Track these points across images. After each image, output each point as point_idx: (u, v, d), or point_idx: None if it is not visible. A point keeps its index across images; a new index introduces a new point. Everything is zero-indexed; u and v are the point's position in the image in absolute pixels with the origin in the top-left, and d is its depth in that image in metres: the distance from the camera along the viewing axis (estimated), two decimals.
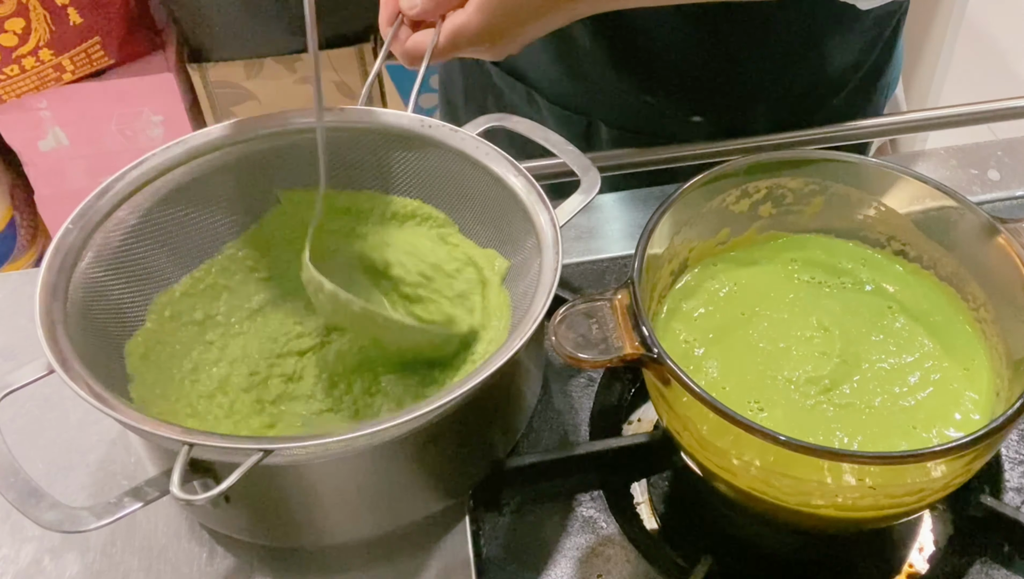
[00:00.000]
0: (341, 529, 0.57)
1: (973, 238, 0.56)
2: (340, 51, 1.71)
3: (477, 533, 0.58)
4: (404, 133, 0.65)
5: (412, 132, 0.65)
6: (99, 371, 0.53)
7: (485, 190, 0.64)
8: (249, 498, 0.54)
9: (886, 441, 0.52)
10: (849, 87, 0.87)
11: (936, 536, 0.58)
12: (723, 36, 0.80)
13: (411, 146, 0.66)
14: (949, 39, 1.87)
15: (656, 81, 0.83)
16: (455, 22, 0.67)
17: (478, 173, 0.64)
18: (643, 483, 0.61)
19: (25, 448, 0.63)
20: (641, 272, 0.52)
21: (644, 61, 0.82)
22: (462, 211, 0.66)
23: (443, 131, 0.64)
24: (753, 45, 0.80)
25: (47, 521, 0.48)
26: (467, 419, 0.54)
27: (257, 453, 0.47)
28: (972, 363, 0.56)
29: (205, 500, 0.47)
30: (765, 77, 0.83)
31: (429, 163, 0.66)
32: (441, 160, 0.65)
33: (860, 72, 0.87)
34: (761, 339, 0.57)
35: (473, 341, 0.62)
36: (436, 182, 0.66)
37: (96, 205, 0.59)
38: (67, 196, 1.74)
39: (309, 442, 0.49)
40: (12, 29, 1.53)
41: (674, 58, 0.81)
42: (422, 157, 0.66)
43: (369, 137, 0.66)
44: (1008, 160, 0.83)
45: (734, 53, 0.81)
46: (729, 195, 0.59)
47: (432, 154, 0.65)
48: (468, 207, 0.66)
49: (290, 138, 0.65)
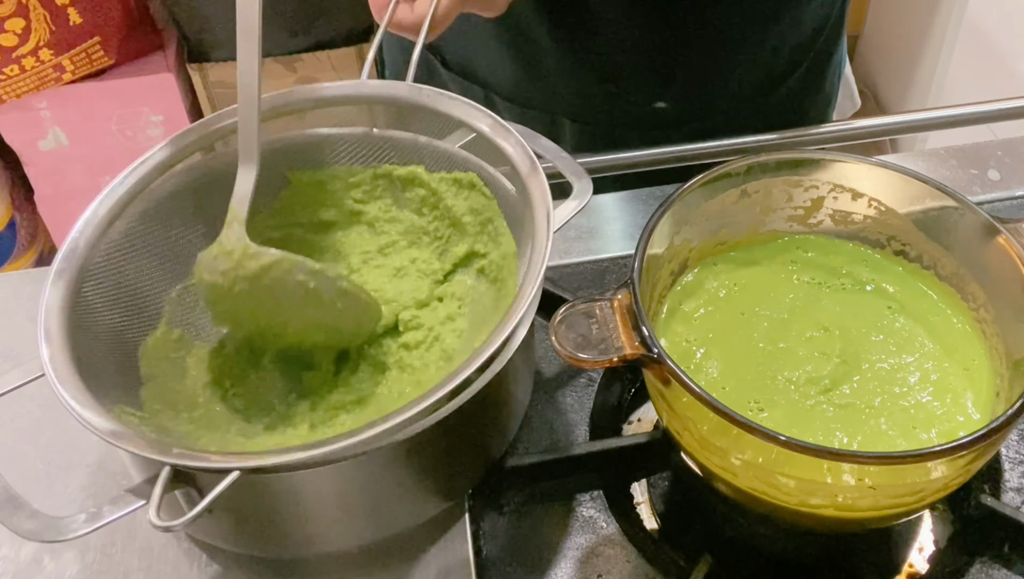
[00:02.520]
0: (333, 539, 0.56)
1: (973, 238, 0.56)
2: (340, 51, 1.71)
3: (477, 533, 0.58)
4: (397, 102, 0.64)
5: (409, 101, 0.63)
6: (106, 375, 0.52)
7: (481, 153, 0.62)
8: (239, 511, 0.53)
9: (886, 441, 0.52)
10: (802, 67, 0.89)
11: (936, 536, 0.58)
12: (678, 19, 0.80)
13: (406, 115, 0.64)
14: (949, 39, 1.87)
15: (616, 69, 0.84)
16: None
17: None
18: (643, 483, 0.61)
19: (25, 448, 0.63)
20: (641, 272, 0.52)
21: (604, 51, 0.82)
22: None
23: (442, 99, 0.63)
24: (706, 27, 0.82)
25: (26, 530, 0.47)
26: (457, 424, 0.53)
27: (234, 472, 0.46)
28: (972, 363, 0.56)
29: (182, 525, 0.45)
30: (720, 60, 0.84)
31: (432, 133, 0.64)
32: (440, 129, 0.63)
33: (812, 52, 0.89)
34: (761, 339, 0.57)
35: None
36: (433, 156, 0.65)
37: (105, 206, 0.58)
38: (67, 196, 1.74)
39: (289, 456, 0.47)
40: (12, 29, 1.53)
41: (632, 45, 0.82)
42: (417, 127, 0.64)
43: (366, 109, 0.64)
44: (1008, 160, 0.83)
45: (689, 37, 0.82)
46: (729, 195, 0.59)
47: (428, 122, 0.64)
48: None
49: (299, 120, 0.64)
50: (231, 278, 0.55)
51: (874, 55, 2.20)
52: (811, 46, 0.89)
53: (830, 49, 0.91)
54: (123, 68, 1.68)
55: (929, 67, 1.94)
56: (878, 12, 2.17)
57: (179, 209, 0.62)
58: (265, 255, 0.55)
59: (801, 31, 0.86)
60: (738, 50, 0.84)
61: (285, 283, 0.55)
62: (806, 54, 0.89)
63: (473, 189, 0.63)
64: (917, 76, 1.99)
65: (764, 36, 0.84)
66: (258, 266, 0.54)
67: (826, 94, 0.95)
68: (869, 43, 2.22)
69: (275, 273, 0.55)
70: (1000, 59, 1.84)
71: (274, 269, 0.55)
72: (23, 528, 0.47)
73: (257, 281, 0.55)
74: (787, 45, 0.86)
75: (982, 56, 1.88)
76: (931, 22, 1.90)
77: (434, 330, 0.62)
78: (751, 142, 0.85)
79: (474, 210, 0.63)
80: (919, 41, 1.96)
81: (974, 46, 1.88)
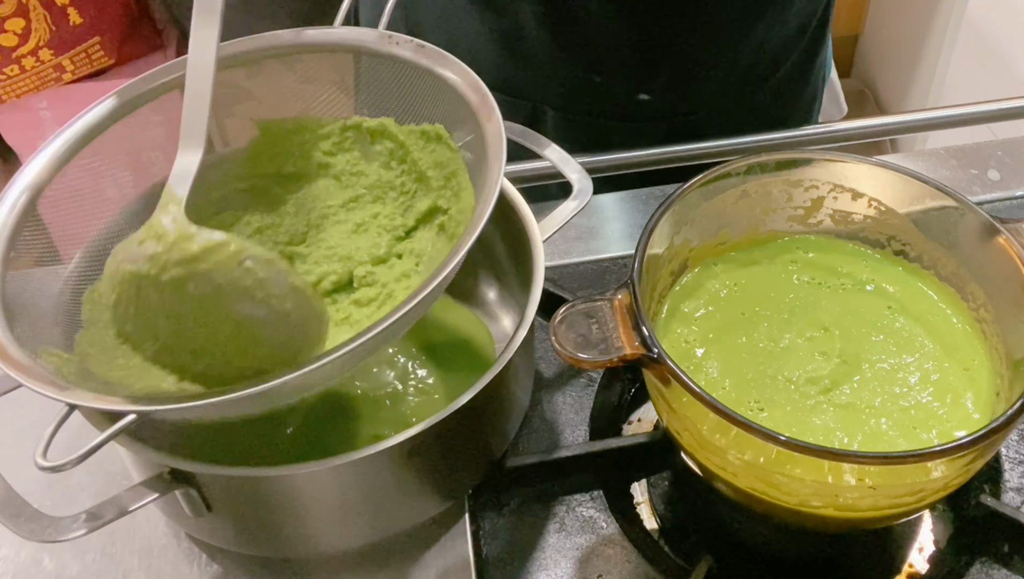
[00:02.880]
0: (332, 539, 0.56)
1: (973, 238, 0.56)
2: None
3: (477, 533, 0.58)
4: (369, 51, 0.62)
5: (378, 50, 0.62)
6: (40, 324, 0.51)
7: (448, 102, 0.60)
8: (239, 511, 0.53)
9: (886, 441, 0.52)
10: (787, 65, 0.89)
11: (936, 536, 0.58)
12: (664, 11, 0.81)
13: (377, 64, 0.62)
14: (949, 39, 1.87)
15: (601, 59, 0.84)
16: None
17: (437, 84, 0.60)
18: (643, 483, 0.61)
19: (25, 448, 0.63)
20: (641, 272, 0.52)
21: (590, 41, 0.82)
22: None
23: (410, 47, 0.61)
24: (692, 21, 0.82)
25: (25, 530, 0.47)
26: (457, 424, 0.53)
27: (131, 414, 0.43)
28: (972, 363, 0.56)
29: (71, 464, 0.43)
30: (706, 53, 0.85)
31: (398, 82, 0.62)
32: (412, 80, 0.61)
33: (796, 51, 0.89)
34: (761, 339, 0.57)
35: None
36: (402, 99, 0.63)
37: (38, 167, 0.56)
38: None
39: (191, 403, 0.44)
40: (12, 29, 1.53)
41: (618, 35, 0.82)
42: (390, 75, 0.62)
43: (337, 58, 0.63)
44: (1008, 160, 0.83)
45: (675, 29, 0.82)
46: (729, 195, 0.59)
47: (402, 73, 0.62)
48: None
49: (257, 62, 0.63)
50: (160, 264, 0.46)
51: (874, 55, 2.20)
52: (795, 45, 0.89)
53: (815, 48, 0.92)
54: (123, 68, 1.68)
55: (929, 67, 1.94)
56: (878, 12, 2.17)
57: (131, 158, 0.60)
58: (209, 236, 0.47)
59: (785, 29, 0.87)
60: (723, 45, 0.85)
61: (229, 270, 0.47)
62: (790, 52, 0.89)
63: (439, 142, 0.60)
64: (917, 76, 1.99)
65: (749, 32, 0.84)
66: (199, 248, 0.46)
67: (810, 94, 0.95)
68: (869, 43, 2.22)
69: (219, 256, 0.47)
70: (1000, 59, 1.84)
71: (220, 250, 0.47)
72: (23, 528, 0.47)
73: (194, 266, 0.46)
74: (771, 42, 0.86)
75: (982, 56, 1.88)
76: (931, 22, 1.90)
77: (387, 287, 0.59)
78: (750, 142, 0.85)
79: (439, 164, 0.61)
80: (919, 41, 1.96)
81: (974, 46, 1.88)
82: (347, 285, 0.60)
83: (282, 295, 0.48)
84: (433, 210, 0.61)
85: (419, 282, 0.55)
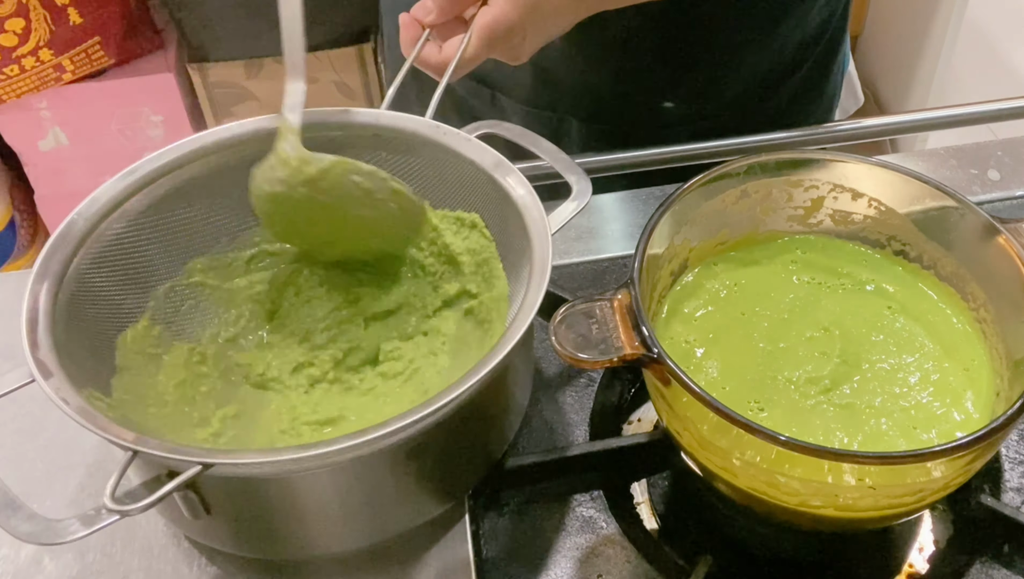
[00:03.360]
0: (332, 541, 0.56)
1: (973, 238, 0.56)
2: (340, 51, 1.71)
3: (477, 533, 0.58)
4: (420, 139, 0.63)
5: (428, 138, 0.63)
6: (83, 366, 0.52)
7: (486, 193, 0.62)
8: (238, 513, 0.53)
9: (886, 441, 0.52)
10: (808, 63, 0.89)
11: (936, 536, 0.58)
12: (689, 20, 0.81)
13: (424, 152, 0.63)
14: (949, 39, 1.87)
15: (627, 69, 0.84)
16: (486, 17, 0.65)
17: (481, 178, 0.62)
18: (643, 483, 0.61)
19: (25, 448, 0.63)
20: (641, 272, 0.52)
21: (618, 50, 0.82)
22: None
23: (458, 138, 0.62)
24: (717, 28, 0.82)
25: (23, 533, 0.47)
26: (457, 425, 0.53)
27: (196, 466, 0.46)
28: (972, 363, 0.56)
29: (139, 510, 0.45)
30: (728, 59, 0.85)
31: (445, 170, 0.64)
32: (455, 167, 0.63)
33: (818, 48, 0.89)
34: (761, 339, 0.57)
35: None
36: (450, 188, 0.64)
37: (91, 209, 0.58)
38: (67, 196, 1.74)
39: (247, 458, 0.47)
40: (12, 29, 1.54)
41: (648, 44, 0.82)
42: (437, 163, 0.64)
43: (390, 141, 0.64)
44: (1008, 160, 0.83)
45: (700, 37, 0.82)
46: (729, 195, 0.59)
47: (447, 161, 0.63)
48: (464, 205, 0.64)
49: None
50: (291, 185, 0.57)
51: (874, 55, 2.20)
52: (816, 43, 0.89)
53: (835, 46, 0.92)
54: (123, 68, 1.69)
55: (929, 67, 1.94)
56: (878, 12, 2.17)
57: (173, 208, 0.62)
58: (322, 159, 0.57)
59: (806, 28, 0.87)
60: (746, 49, 0.85)
61: (343, 184, 0.57)
62: (811, 51, 0.89)
63: (474, 229, 0.63)
64: (917, 76, 1.99)
65: (773, 32, 0.84)
66: (316, 170, 0.56)
67: (830, 90, 0.95)
68: (869, 43, 2.22)
69: (333, 175, 0.57)
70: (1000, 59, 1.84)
71: (332, 171, 0.57)
72: (21, 531, 0.47)
73: (316, 185, 0.57)
74: (792, 42, 0.87)
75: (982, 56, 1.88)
76: (931, 22, 1.90)
77: (415, 363, 0.62)
78: (751, 142, 0.85)
79: (472, 250, 0.63)
80: (919, 41, 1.96)
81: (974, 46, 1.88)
82: (373, 360, 0.63)
83: (386, 198, 0.59)
84: (461, 293, 0.64)
85: (447, 362, 0.61)
